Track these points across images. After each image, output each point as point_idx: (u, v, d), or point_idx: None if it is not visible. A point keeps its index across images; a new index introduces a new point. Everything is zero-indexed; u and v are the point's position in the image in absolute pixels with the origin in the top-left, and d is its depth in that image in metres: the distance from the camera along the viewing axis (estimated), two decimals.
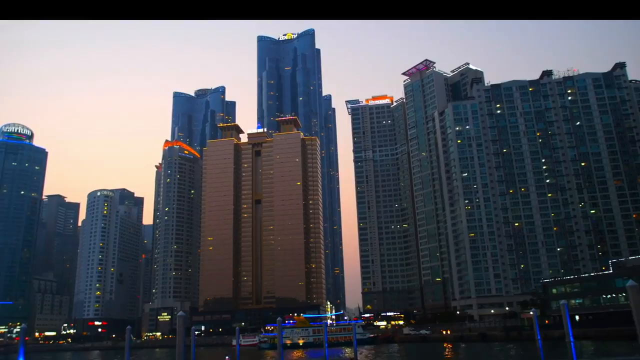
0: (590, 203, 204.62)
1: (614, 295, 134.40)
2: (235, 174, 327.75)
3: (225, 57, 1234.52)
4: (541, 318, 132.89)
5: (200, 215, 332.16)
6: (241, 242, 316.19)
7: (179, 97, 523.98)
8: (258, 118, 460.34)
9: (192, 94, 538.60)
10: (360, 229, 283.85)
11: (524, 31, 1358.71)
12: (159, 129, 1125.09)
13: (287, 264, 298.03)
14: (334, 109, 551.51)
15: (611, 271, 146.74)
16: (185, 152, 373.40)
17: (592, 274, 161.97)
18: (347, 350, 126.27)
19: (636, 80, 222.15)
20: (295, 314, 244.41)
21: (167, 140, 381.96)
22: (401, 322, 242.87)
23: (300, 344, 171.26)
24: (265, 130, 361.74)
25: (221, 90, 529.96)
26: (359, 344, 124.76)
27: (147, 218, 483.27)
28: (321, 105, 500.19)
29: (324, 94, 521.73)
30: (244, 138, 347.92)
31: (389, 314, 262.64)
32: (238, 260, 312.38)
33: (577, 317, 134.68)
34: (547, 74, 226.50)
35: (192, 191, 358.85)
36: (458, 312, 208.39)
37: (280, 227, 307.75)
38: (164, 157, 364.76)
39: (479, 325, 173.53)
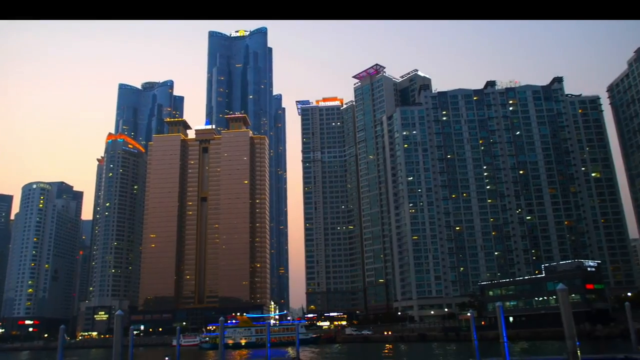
0: (526, 210, 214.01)
1: (545, 297, 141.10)
2: (181, 171, 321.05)
3: (174, 51, 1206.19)
4: (478, 319, 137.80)
5: (143, 212, 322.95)
6: (185, 240, 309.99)
7: (124, 89, 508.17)
8: (206, 114, 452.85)
9: (139, 86, 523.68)
10: (306, 229, 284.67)
11: (471, 40, 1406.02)
12: (103, 121, 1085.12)
13: (232, 263, 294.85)
14: (284, 108, 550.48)
15: (543, 275, 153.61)
16: (130, 146, 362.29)
17: (526, 278, 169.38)
18: (290, 350, 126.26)
19: (572, 95, 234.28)
20: (238, 314, 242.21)
21: (110, 133, 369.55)
22: (344, 323, 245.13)
23: (243, 344, 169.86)
24: (214, 127, 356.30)
25: (169, 84, 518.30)
26: (301, 344, 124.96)
27: (87, 213, 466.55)
28: (271, 105, 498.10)
29: (274, 93, 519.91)
30: (191, 134, 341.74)
31: (332, 314, 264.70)
32: (181, 259, 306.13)
33: (511, 319, 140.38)
34: (490, 84, 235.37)
35: (135, 186, 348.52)
36: (399, 313, 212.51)
37: (226, 225, 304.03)
38: (106, 151, 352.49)
39: (419, 326, 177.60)
